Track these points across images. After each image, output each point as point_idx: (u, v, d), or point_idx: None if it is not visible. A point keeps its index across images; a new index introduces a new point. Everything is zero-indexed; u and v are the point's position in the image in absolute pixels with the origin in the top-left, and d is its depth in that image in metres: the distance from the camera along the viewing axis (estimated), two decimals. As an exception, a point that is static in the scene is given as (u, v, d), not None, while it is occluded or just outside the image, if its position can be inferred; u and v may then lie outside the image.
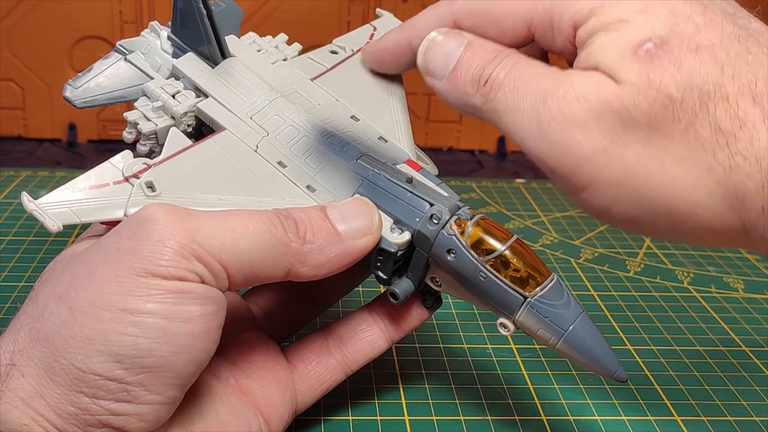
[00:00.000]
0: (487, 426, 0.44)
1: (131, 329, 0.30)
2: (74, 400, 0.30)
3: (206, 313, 0.32)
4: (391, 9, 0.86)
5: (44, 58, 0.85)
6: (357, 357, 0.41)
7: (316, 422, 0.44)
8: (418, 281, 0.39)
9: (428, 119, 0.92)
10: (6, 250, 0.61)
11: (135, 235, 0.32)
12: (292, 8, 0.86)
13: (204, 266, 0.32)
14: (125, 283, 0.31)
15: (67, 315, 0.31)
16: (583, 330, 0.36)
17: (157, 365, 0.31)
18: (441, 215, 0.37)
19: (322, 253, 0.35)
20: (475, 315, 0.56)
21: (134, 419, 0.31)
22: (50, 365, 0.31)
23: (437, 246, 0.37)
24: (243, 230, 0.33)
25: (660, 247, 0.69)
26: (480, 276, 0.36)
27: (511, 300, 0.36)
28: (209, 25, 0.43)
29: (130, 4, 0.84)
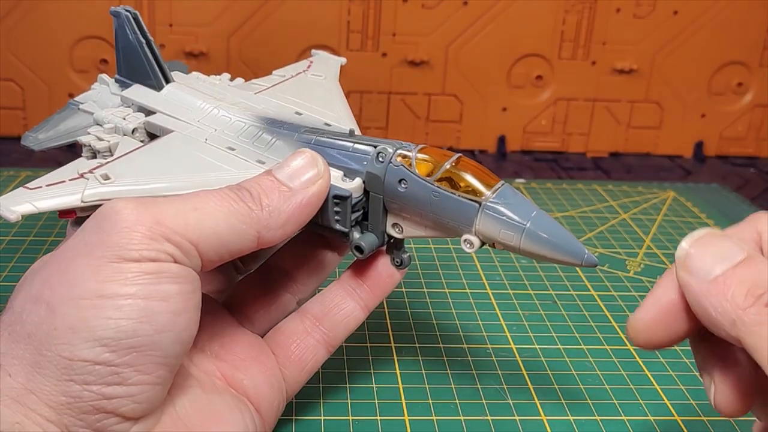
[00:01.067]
0: (487, 426, 0.44)
1: (113, 312, 0.31)
2: (65, 390, 0.31)
3: (183, 291, 0.33)
4: (391, 9, 0.87)
5: (44, 58, 0.85)
6: (336, 332, 0.42)
7: (317, 422, 0.44)
8: (380, 233, 0.40)
9: (428, 119, 0.92)
10: (6, 250, 0.61)
11: (101, 228, 0.33)
12: (292, 8, 0.86)
13: (174, 246, 0.33)
14: (100, 271, 0.31)
15: (46, 311, 0.31)
16: (542, 222, 0.36)
17: (143, 344, 0.31)
18: (386, 152, 0.39)
19: (282, 212, 0.36)
20: (475, 315, 0.56)
21: (127, 401, 0.31)
22: (36, 360, 0.31)
23: (388, 181, 0.39)
24: (204, 208, 0.34)
25: (660, 246, 0.69)
26: (433, 196, 0.38)
27: (467, 209, 0.37)
28: (149, 52, 0.47)
29: (129, 4, 0.84)
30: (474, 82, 0.91)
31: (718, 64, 0.93)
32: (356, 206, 0.40)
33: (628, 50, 0.91)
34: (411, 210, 0.39)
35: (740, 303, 0.29)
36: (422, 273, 0.62)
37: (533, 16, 0.89)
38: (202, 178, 0.41)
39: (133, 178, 0.39)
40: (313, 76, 0.56)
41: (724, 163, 0.96)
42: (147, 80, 0.48)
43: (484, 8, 0.88)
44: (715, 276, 0.30)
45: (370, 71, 0.89)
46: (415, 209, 0.39)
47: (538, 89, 0.93)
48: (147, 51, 0.47)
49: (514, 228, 0.36)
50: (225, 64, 0.87)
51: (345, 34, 0.88)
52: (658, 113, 0.95)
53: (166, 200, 0.34)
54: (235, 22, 0.86)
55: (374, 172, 0.39)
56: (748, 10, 0.91)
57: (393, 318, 0.55)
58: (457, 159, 0.39)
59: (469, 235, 0.38)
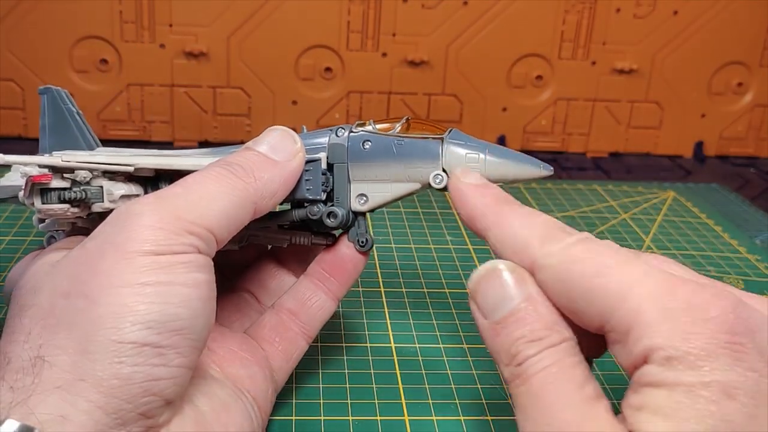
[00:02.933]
0: (487, 426, 0.44)
1: (155, 297, 0.32)
2: (116, 372, 0.31)
3: (208, 279, 0.34)
4: (391, 9, 0.87)
5: (44, 58, 0.85)
6: (313, 324, 0.44)
7: (317, 422, 0.44)
8: (347, 208, 0.42)
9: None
10: (6, 250, 0.61)
11: (125, 228, 0.34)
12: (292, 8, 0.86)
13: (196, 237, 0.34)
14: (134, 263, 0.33)
15: (86, 302, 0.32)
16: (496, 146, 0.41)
17: (183, 328, 0.33)
18: (344, 127, 0.42)
19: (273, 182, 0.38)
20: (475, 315, 0.56)
21: (170, 383, 0.33)
22: (84, 347, 0.31)
23: (352, 144, 0.41)
24: (208, 194, 0.36)
25: (660, 246, 0.69)
26: (398, 143, 0.41)
27: (432, 145, 0.41)
28: (81, 120, 0.48)
29: (130, 4, 0.84)
30: (474, 82, 0.91)
31: (718, 64, 0.93)
32: (323, 180, 0.41)
33: (628, 50, 0.91)
34: (377, 166, 0.41)
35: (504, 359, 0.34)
36: (422, 273, 0.62)
37: (533, 16, 0.89)
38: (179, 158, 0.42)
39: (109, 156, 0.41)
40: None
41: (724, 163, 0.96)
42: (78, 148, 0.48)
43: (484, 8, 0.88)
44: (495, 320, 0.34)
45: (370, 71, 0.89)
46: (381, 164, 0.41)
47: (538, 89, 0.93)
48: (79, 120, 0.48)
49: (477, 149, 0.40)
50: (225, 64, 0.87)
51: (345, 34, 0.88)
52: (658, 113, 0.95)
53: (173, 194, 0.35)
54: (235, 22, 0.86)
55: (337, 142, 0.42)
56: (748, 10, 0.91)
57: (393, 318, 0.55)
58: (407, 118, 0.42)
59: (436, 170, 0.40)
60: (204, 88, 0.88)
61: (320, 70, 0.89)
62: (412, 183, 0.41)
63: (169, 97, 0.88)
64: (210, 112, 0.90)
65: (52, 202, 0.39)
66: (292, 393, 0.45)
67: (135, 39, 0.86)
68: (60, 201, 0.39)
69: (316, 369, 0.48)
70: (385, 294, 0.58)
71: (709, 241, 0.71)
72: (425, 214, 0.73)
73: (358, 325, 0.54)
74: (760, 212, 0.79)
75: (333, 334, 0.52)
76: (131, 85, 0.87)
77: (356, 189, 0.42)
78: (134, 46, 0.86)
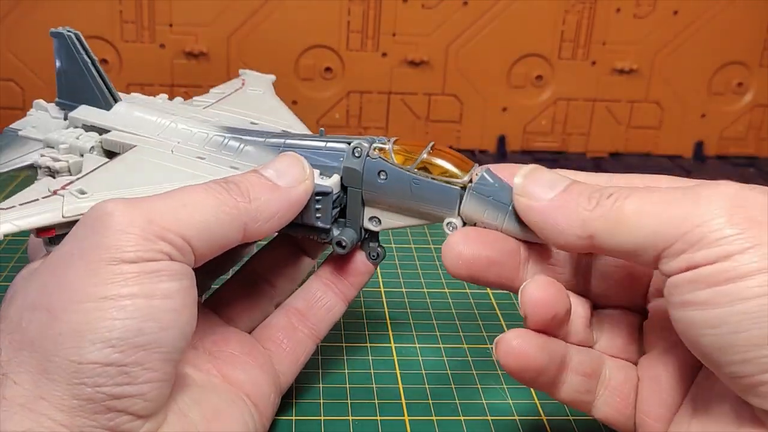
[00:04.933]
0: (486, 426, 0.44)
1: (117, 313, 0.31)
2: (76, 393, 0.31)
3: (183, 287, 0.33)
4: (392, 9, 0.87)
5: (44, 58, 0.85)
6: (321, 326, 0.43)
7: (316, 422, 0.44)
8: (358, 228, 0.41)
9: (428, 119, 0.92)
10: (6, 250, 0.61)
11: (94, 232, 0.32)
12: (292, 8, 0.86)
13: (168, 244, 0.33)
14: (99, 273, 0.31)
15: (48, 318, 0.31)
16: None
17: (149, 342, 0.31)
18: (361, 147, 0.39)
19: (270, 206, 0.37)
20: (475, 315, 0.56)
21: (138, 400, 0.32)
22: (44, 366, 0.31)
23: (367, 173, 0.39)
24: (194, 203, 0.34)
25: (660, 247, 0.69)
26: (414, 183, 0.38)
27: (450, 193, 0.38)
28: (95, 72, 0.46)
29: (130, 4, 0.84)
30: (474, 82, 0.91)
31: (718, 64, 0.93)
32: (335, 203, 0.40)
33: (628, 50, 0.91)
34: (391, 200, 0.40)
35: (586, 205, 0.34)
36: (422, 273, 0.62)
37: (533, 16, 0.89)
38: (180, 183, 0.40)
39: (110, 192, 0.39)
40: (251, 91, 0.57)
41: (724, 163, 0.96)
42: (93, 101, 0.47)
43: (484, 8, 0.88)
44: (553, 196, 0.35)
45: (370, 71, 0.89)
46: (395, 199, 0.39)
47: (538, 89, 0.93)
48: (93, 70, 0.46)
49: (500, 208, 0.37)
50: (225, 64, 0.87)
51: (345, 34, 0.88)
52: (658, 113, 0.95)
53: (155, 197, 0.34)
54: (235, 22, 0.86)
55: (352, 166, 0.40)
56: (748, 10, 0.91)
57: (393, 318, 0.55)
58: (432, 147, 0.39)
59: (452, 218, 0.38)
60: (204, 88, 0.88)
61: (320, 70, 0.89)
62: (425, 219, 0.40)
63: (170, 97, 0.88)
64: (210, 112, 0.90)
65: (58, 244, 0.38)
66: (292, 393, 0.45)
67: (135, 39, 0.86)
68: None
69: (316, 369, 0.48)
70: (385, 294, 0.58)
71: (709, 241, 0.70)
72: (425, 214, 0.73)
73: (358, 325, 0.54)
74: (760, 212, 0.79)
75: (333, 334, 0.52)
76: (131, 85, 0.86)
77: (370, 212, 0.41)
78: (134, 46, 0.86)
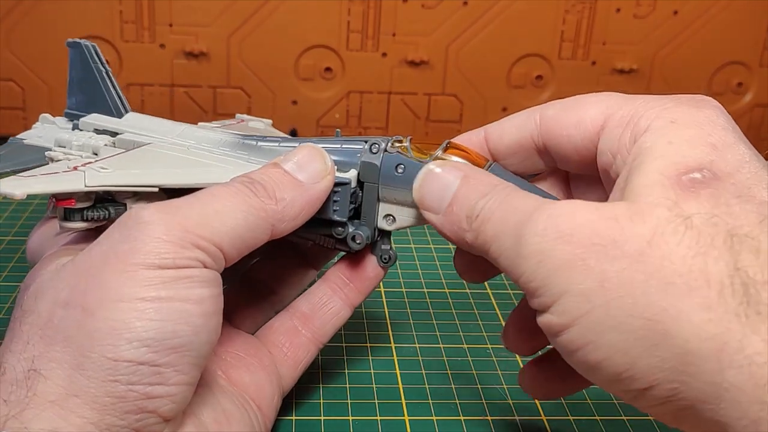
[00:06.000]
0: (487, 426, 0.44)
1: (153, 314, 0.31)
2: (110, 390, 0.31)
3: (213, 294, 0.34)
4: (391, 9, 0.87)
5: (44, 58, 0.85)
6: (325, 330, 0.43)
7: (316, 422, 0.44)
8: (373, 227, 0.41)
9: (428, 119, 0.92)
10: (6, 250, 0.61)
11: (130, 237, 0.33)
12: (292, 8, 0.86)
13: (203, 251, 0.33)
14: (136, 276, 0.32)
15: (83, 315, 0.32)
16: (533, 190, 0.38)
17: (182, 345, 0.32)
18: (379, 143, 0.40)
19: (294, 205, 0.37)
20: (475, 315, 0.56)
21: (167, 401, 0.32)
22: (78, 362, 0.31)
23: (385, 167, 0.40)
24: (225, 209, 0.35)
25: (660, 247, 0.69)
26: None
27: None
28: (109, 82, 0.47)
29: (130, 4, 0.84)
30: (474, 82, 0.91)
31: (718, 64, 0.93)
32: (351, 198, 0.40)
33: (628, 50, 0.91)
34: (408, 192, 0.39)
35: (464, 225, 0.35)
36: (422, 273, 0.62)
37: (533, 16, 0.89)
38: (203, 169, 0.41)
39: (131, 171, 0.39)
40: (253, 124, 0.57)
41: (724, 163, 0.96)
42: (105, 111, 0.47)
43: (484, 8, 0.88)
44: (444, 209, 0.36)
45: (370, 71, 0.89)
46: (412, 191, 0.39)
47: (538, 89, 0.93)
48: (107, 81, 0.47)
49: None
50: (225, 64, 0.87)
51: (345, 34, 0.88)
52: (658, 113, 0.95)
53: (187, 204, 0.34)
54: (235, 22, 0.86)
55: (370, 161, 0.40)
56: (748, 10, 0.91)
57: (393, 318, 0.55)
58: (447, 144, 0.40)
59: None
60: (204, 88, 0.88)
61: (320, 70, 0.89)
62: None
63: (169, 97, 0.88)
64: (210, 112, 0.90)
65: (75, 220, 0.38)
66: (292, 393, 0.45)
67: (135, 39, 0.86)
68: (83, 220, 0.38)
69: (316, 369, 0.48)
70: (385, 294, 0.58)
71: (709, 241, 0.70)
72: (425, 214, 0.73)
73: (358, 324, 0.54)
74: (760, 212, 0.79)
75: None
76: (131, 85, 0.86)
77: (384, 209, 0.41)
78: (134, 46, 0.86)
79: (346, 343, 0.51)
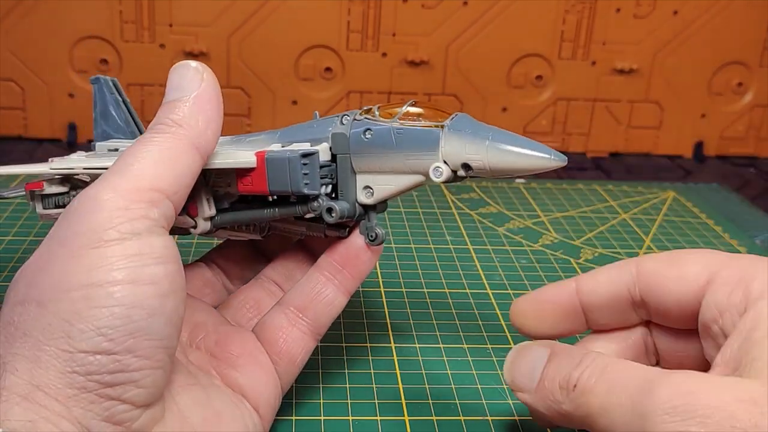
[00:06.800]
0: (486, 426, 0.44)
1: (105, 301, 0.31)
2: (70, 382, 0.30)
3: (169, 272, 0.32)
4: (391, 9, 0.87)
5: (44, 58, 0.85)
6: (321, 321, 0.42)
7: (316, 422, 0.44)
8: (352, 203, 0.40)
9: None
10: (6, 250, 0.61)
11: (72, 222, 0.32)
12: (292, 8, 0.86)
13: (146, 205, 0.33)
14: (83, 260, 0.31)
15: (37, 309, 0.31)
16: (502, 133, 0.36)
17: (138, 330, 0.31)
18: (348, 115, 0.40)
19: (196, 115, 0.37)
20: (476, 315, 0.56)
21: (131, 387, 0.31)
22: (36, 356, 0.31)
23: (353, 135, 0.39)
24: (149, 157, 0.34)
25: (660, 246, 0.69)
26: (397, 133, 0.38)
27: (430, 135, 0.38)
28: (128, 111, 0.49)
29: (130, 4, 0.84)
30: (474, 82, 0.91)
31: (718, 64, 0.93)
32: (324, 171, 0.40)
33: (628, 50, 0.91)
34: (378, 159, 0.39)
35: (559, 398, 0.35)
36: (422, 273, 0.62)
37: (533, 16, 0.89)
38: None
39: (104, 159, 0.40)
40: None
41: (724, 163, 0.96)
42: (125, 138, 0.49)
43: (484, 8, 0.88)
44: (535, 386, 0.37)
45: (370, 71, 0.89)
46: (382, 156, 0.39)
47: (538, 89, 0.93)
48: (124, 109, 0.49)
49: (479, 140, 0.36)
50: (225, 64, 0.87)
51: (345, 34, 0.88)
52: (658, 113, 0.95)
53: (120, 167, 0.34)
54: (235, 22, 0.86)
55: (339, 131, 0.40)
56: (748, 10, 0.91)
57: (393, 318, 0.55)
58: (412, 101, 0.39)
59: (436, 162, 0.38)
60: (204, 88, 0.88)
61: (320, 70, 0.89)
62: (414, 175, 0.39)
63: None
64: (210, 112, 0.90)
65: (50, 207, 0.38)
66: (292, 393, 0.45)
67: (135, 39, 0.86)
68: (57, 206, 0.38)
69: (316, 369, 0.48)
70: (385, 294, 0.58)
71: (709, 241, 0.71)
72: (425, 214, 0.73)
73: (358, 325, 0.54)
74: (760, 212, 0.79)
75: (333, 334, 0.52)
76: (131, 85, 0.86)
77: (362, 181, 0.40)
78: (134, 46, 0.86)
79: (346, 343, 0.51)
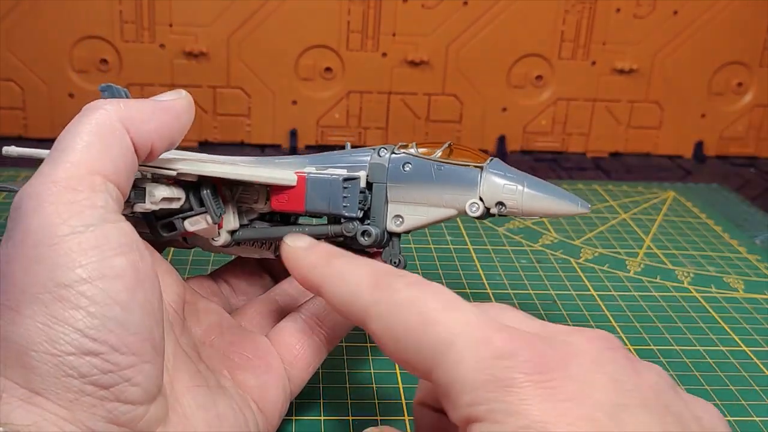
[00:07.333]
0: (487, 426, 0.44)
1: (78, 300, 0.30)
2: (66, 385, 0.30)
3: (131, 262, 0.31)
4: (391, 9, 0.87)
5: (44, 58, 0.85)
6: (337, 331, 0.42)
7: (316, 422, 0.44)
8: (382, 227, 0.42)
9: (428, 119, 0.92)
10: (6, 250, 0.61)
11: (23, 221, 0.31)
12: (292, 8, 0.86)
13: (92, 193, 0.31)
14: (42, 260, 0.30)
15: (12, 315, 0.30)
16: (535, 179, 0.41)
17: (117, 324, 0.30)
18: (386, 148, 0.42)
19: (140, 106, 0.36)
20: (475, 315, 0.56)
21: (126, 385, 0.31)
22: (25, 361, 0.30)
23: (392, 166, 0.42)
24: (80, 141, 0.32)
25: (660, 246, 0.69)
26: (437, 169, 0.41)
27: (470, 174, 0.41)
28: None
29: (130, 4, 0.84)
30: (474, 82, 0.91)
31: (718, 64, 0.93)
32: (361, 197, 0.41)
33: (628, 50, 0.91)
34: (416, 189, 0.41)
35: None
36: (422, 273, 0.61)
37: (533, 16, 0.89)
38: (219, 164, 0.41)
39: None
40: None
41: (724, 163, 0.96)
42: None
43: (484, 8, 0.88)
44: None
45: (370, 71, 0.89)
46: (419, 188, 0.41)
47: (538, 89, 0.93)
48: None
49: (516, 181, 0.40)
50: (225, 64, 0.87)
51: (345, 34, 0.88)
52: (658, 113, 0.95)
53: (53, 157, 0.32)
54: (235, 22, 0.86)
55: (378, 162, 0.42)
56: (748, 10, 0.91)
57: (393, 318, 0.55)
58: (449, 145, 0.42)
59: (473, 199, 0.41)
60: (204, 88, 0.88)
61: (320, 70, 0.89)
62: (448, 209, 0.41)
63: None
64: (210, 112, 0.90)
65: None
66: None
67: (135, 39, 0.86)
68: None
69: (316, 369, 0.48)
70: (385, 294, 0.58)
71: (709, 241, 0.71)
72: (425, 214, 0.73)
73: (358, 325, 0.54)
74: (760, 212, 0.79)
75: (333, 334, 0.52)
76: (131, 85, 0.86)
77: (393, 210, 0.42)
78: (134, 46, 0.86)
79: (346, 343, 0.51)
